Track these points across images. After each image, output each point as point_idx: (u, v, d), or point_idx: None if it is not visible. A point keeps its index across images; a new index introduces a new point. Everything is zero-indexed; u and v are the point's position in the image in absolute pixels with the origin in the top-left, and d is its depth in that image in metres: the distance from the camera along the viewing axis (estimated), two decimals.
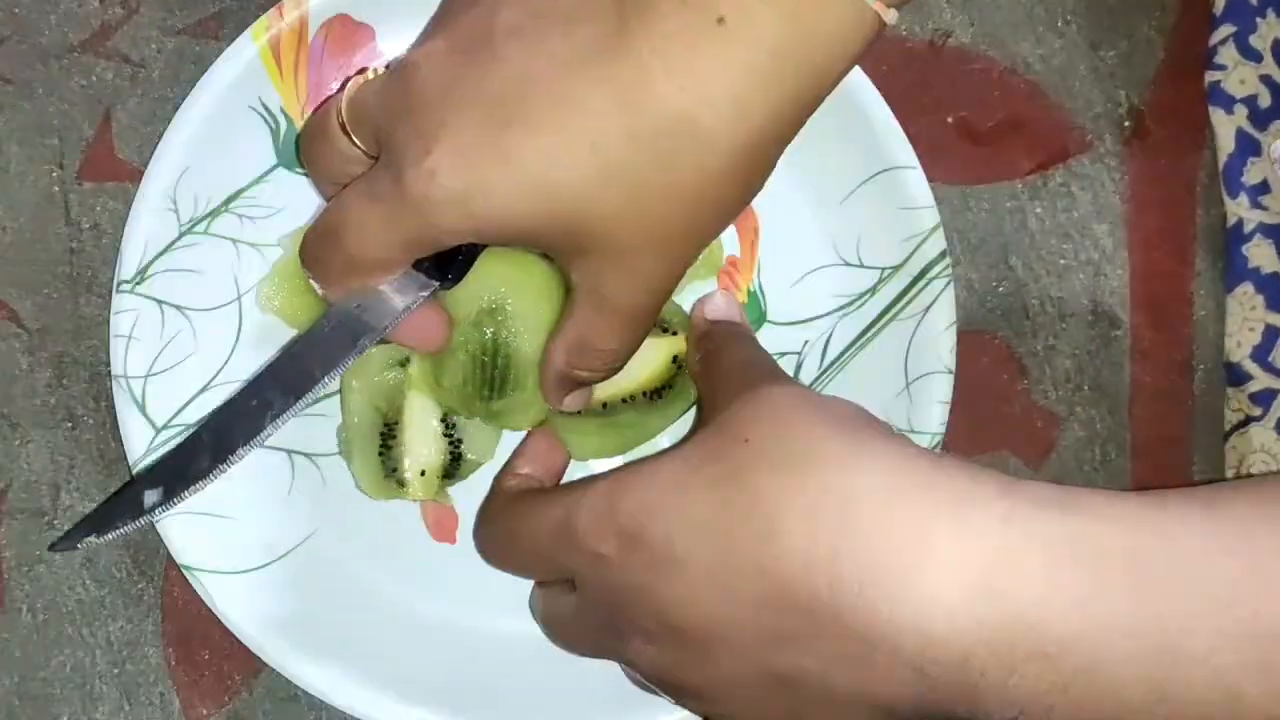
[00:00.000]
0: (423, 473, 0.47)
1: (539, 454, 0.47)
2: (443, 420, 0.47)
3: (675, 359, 0.48)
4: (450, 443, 0.48)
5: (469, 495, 0.49)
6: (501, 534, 0.44)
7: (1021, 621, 0.33)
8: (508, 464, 0.47)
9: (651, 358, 0.48)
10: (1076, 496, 0.35)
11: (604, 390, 0.48)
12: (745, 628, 0.36)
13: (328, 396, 0.49)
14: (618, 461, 0.48)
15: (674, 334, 0.48)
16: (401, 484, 0.47)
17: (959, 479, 0.35)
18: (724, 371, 0.43)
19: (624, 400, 0.48)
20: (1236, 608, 0.33)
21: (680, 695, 0.40)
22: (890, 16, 0.37)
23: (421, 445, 0.47)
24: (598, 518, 0.38)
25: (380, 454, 0.47)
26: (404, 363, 0.47)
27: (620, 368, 0.44)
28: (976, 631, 0.33)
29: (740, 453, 0.37)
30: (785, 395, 0.39)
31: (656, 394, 0.48)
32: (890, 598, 0.34)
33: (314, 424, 0.49)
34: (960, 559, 0.34)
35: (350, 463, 0.48)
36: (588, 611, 0.41)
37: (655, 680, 0.40)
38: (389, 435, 0.47)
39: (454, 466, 0.48)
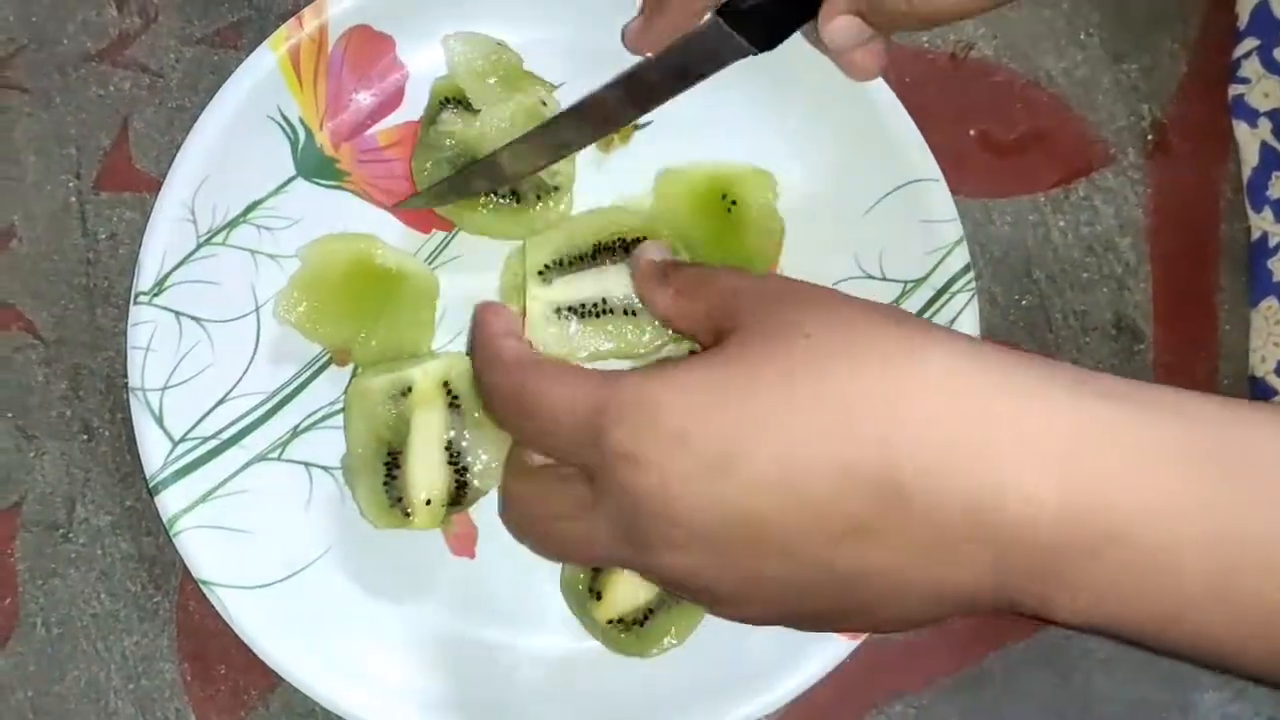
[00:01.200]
0: (428, 501, 0.47)
1: (502, 318, 0.45)
2: (447, 448, 0.47)
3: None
4: (455, 470, 0.47)
5: (488, 510, 0.48)
6: (511, 396, 0.41)
7: (1100, 502, 0.33)
8: (485, 336, 0.45)
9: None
10: (1154, 390, 0.36)
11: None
12: (810, 524, 0.35)
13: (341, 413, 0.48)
14: None
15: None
16: (407, 514, 0.47)
17: (1034, 367, 0.36)
18: (718, 290, 0.41)
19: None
20: None
21: (712, 602, 0.39)
22: None
23: (426, 474, 0.47)
24: (637, 418, 0.37)
25: (385, 484, 0.47)
26: (406, 392, 0.47)
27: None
28: (1057, 512, 0.33)
29: (803, 348, 0.36)
30: (834, 294, 0.40)
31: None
32: (974, 479, 0.34)
33: (332, 436, 0.49)
34: (1043, 442, 0.34)
35: (355, 492, 0.47)
36: (603, 515, 0.38)
37: (680, 587, 0.39)
38: (393, 465, 0.47)
39: (460, 494, 0.47)
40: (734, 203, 0.49)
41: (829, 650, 0.47)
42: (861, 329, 0.37)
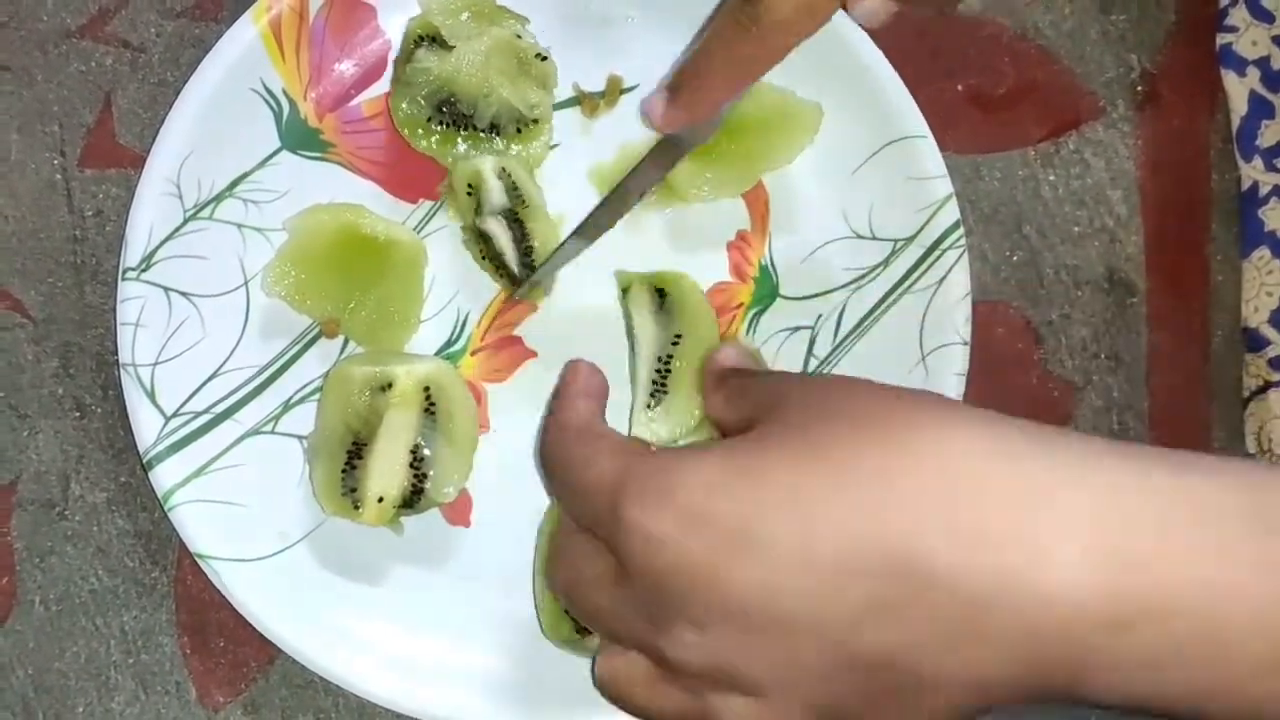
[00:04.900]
0: (380, 499, 0.46)
1: (585, 378, 0.45)
2: (412, 452, 0.47)
3: None
4: (415, 476, 0.47)
5: (483, 479, 0.48)
6: (557, 459, 0.41)
7: (1137, 578, 0.32)
8: (563, 395, 0.45)
9: None
10: (1187, 455, 0.34)
11: None
12: (832, 604, 0.34)
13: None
14: None
15: None
16: (356, 506, 0.46)
17: (1062, 440, 0.35)
18: (763, 388, 0.41)
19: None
20: None
21: (732, 686, 0.37)
22: None
23: (385, 472, 0.46)
24: (654, 495, 0.37)
25: (343, 470, 0.47)
26: (386, 388, 0.47)
27: None
28: (1090, 587, 0.32)
29: (821, 430, 0.36)
30: (851, 379, 0.39)
31: None
32: (1003, 554, 0.33)
33: None
34: (1074, 515, 0.33)
35: (311, 471, 0.47)
36: (626, 590, 0.38)
37: (703, 675, 0.37)
38: (355, 455, 0.47)
39: (414, 498, 0.47)
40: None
41: None
42: (880, 407, 0.36)
